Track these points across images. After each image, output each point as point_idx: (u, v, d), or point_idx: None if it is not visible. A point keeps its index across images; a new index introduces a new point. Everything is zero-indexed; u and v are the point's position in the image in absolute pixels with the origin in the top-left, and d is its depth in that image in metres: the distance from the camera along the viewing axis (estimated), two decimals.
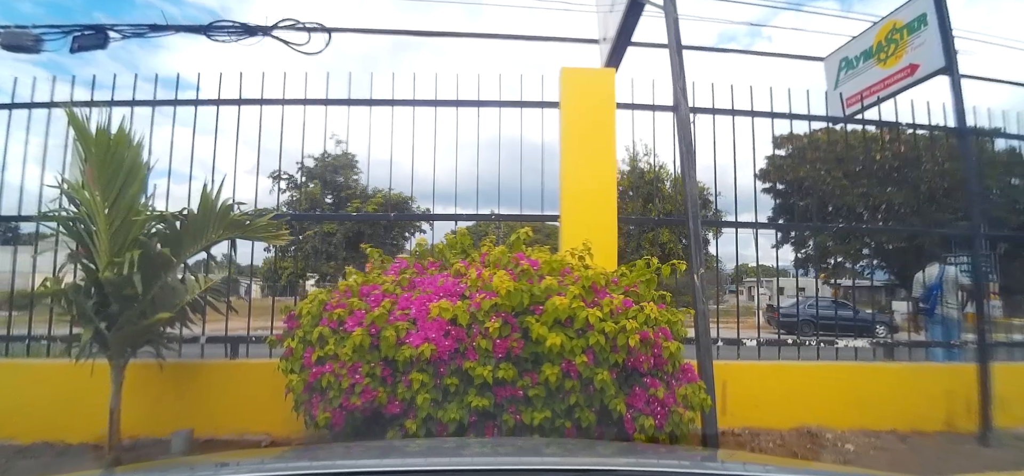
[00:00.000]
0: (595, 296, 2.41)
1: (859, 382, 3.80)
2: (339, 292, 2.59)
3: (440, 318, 2.30)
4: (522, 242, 2.84)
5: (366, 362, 2.33)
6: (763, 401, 3.67)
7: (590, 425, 2.29)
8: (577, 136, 3.80)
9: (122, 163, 2.76)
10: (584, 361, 2.22)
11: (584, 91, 3.85)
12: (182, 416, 3.29)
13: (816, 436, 3.47)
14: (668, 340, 2.44)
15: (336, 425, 2.36)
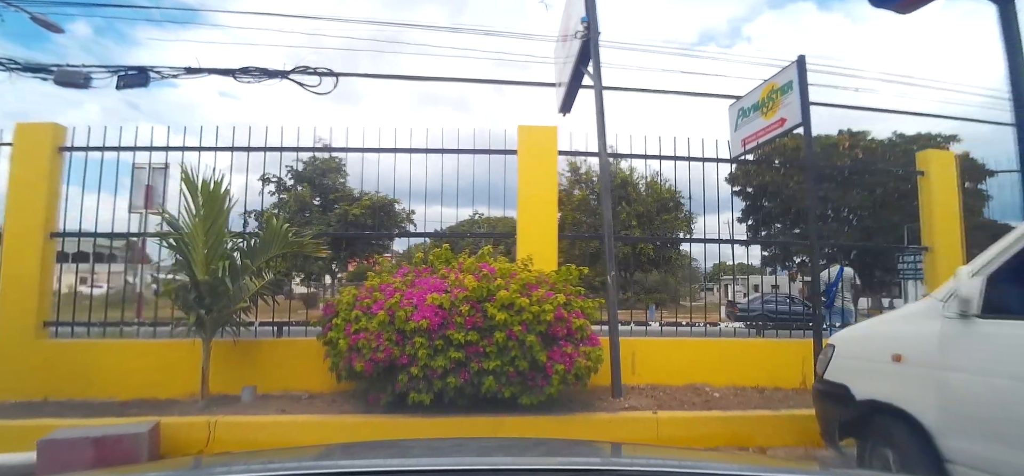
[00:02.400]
0: (529, 290, 3.86)
1: (736, 352, 5.32)
2: (366, 289, 4.02)
3: (432, 304, 3.74)
4: (486, 255, 4.29)
5: (386, 332, 3.76)
6: (664, 366, 5.17)
7: (524, 369, 3.75)
8: (529, 176, 5.28)
9: (215, 200, 4.15)
10: (520, 330, 3.68)
11: (534, 142, 5.32)
12: (248, 377, 4.68)
13: (699, 390, 4.97)
14: (577, 318, 3.90)
15: (367, 371, 3.79)
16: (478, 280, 3.80)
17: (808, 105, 5.58)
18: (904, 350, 2.95)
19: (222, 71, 7.38)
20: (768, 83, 6.07)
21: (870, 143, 27.23)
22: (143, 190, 5.51)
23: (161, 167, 5.46)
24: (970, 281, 2.64)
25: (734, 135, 6.61)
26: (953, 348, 2.69)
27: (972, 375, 2.59)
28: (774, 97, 5.95)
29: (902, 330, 3.07)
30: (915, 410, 2.81)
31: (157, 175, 5.67)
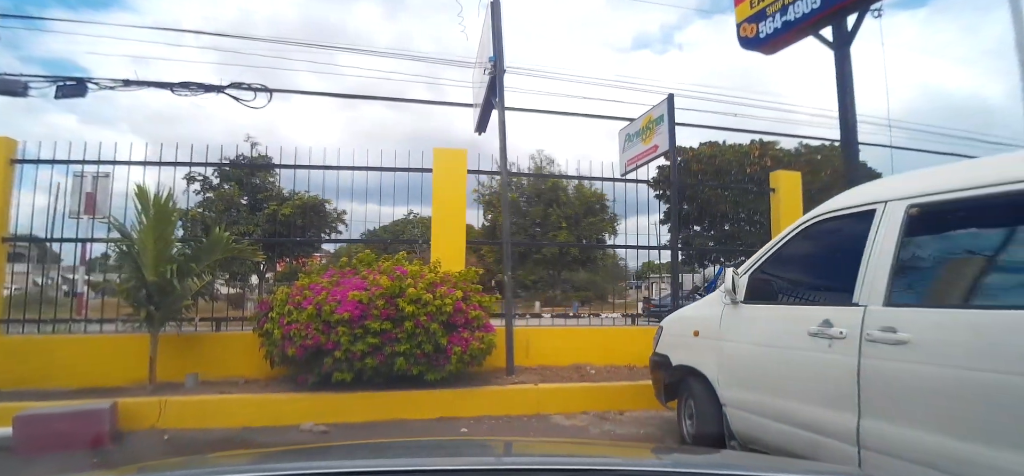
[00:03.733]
0: (434, 287, 4.82)
1: (614, 337, 6.48)
2: (297, 288, 4.85)
3: (354, 300, 4.62)
4: (401, 260, 5.21)
5: (314, 323, 4.62)
6: (554, 350, 6.27)
7: (429, 351, 4.71)
8: (442, 193, 6.24)
9: (164, 211, 4.85)
10: (425, 319, 4.63)
11: (447, 163, 6.28)
12: (191, 366, 5.40)
13: (581, 368, 6.08)
14: (474, 310, 4.90)
15: (298, 355, 4.64)
16: (391, 280, 4.73)
17: (674, 135, 6.83)
18: (700, 327, 4.11)
19: (160, 84, 7.92)
20: (648, 113, 7.29)
21: (777, 152, 29.72)
22: (85, 197, 6.04)
23: (103, 175, 6.01)
24: (739, 278, 3.81)
25: (622, 156, 7.82)
26: (726, 325, 3.86)
27: (735, 343, 3.77)
28: (651, 127, 7.17)
29: (700, 313, 4.24)
30: (705, 370, 3.97)
31: (96, 182, 6.19)
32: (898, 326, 2.73)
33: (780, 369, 3.41)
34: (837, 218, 3.40)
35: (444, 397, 4.91)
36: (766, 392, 3.49)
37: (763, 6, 7.39)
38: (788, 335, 3.34)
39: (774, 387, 3.44)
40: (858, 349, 2.89)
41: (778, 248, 3.75)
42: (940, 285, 2.88)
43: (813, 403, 3.14)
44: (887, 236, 2.95)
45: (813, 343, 3.13)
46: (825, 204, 3.56)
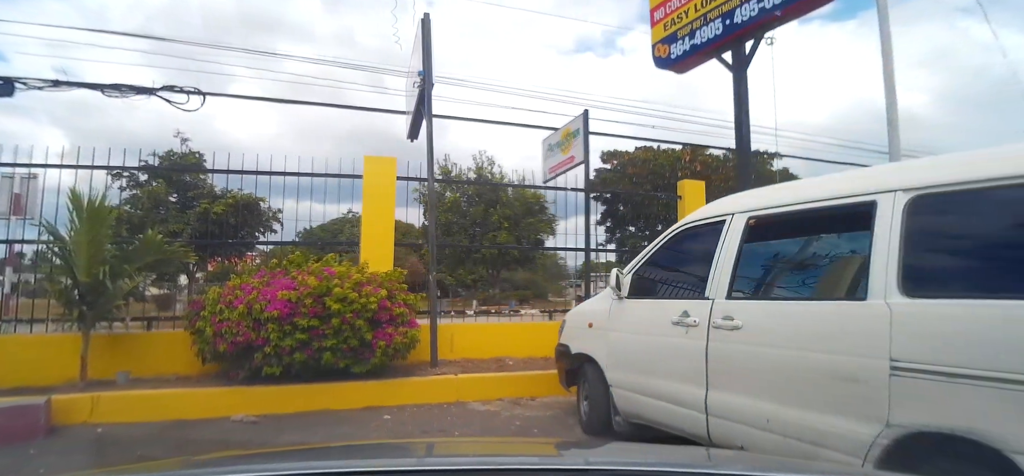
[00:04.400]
0: (360, 287, 5.25)
1: (532, 332, 7.07)
2: (229, 288, 5.18)
3: (283, 299, 5.00)
4: (330, 261, 5.61)
5: (245, 321, 4.97)
6: (478, 344, 6.80)
7: (355, 346, 5.15)
8: (371, 199, 6.65)
9: (98, 214, 5.07)
10: (351, 316, 5.06)
11: (377, 171, 6.71)
12: (122, 364, 5.61)
13: (501, 361, 6.64)
14: (399, 307, 5.36)
15: (229, 351, 4.98)
16: (319, 280, 5.14)
17: (588, 147, 7.53)
18: (593, 320, 4.75)
19: (89, 86, 7.93)
20: (567, 126, 7.95)
21: (706, 158, 31.34)
22: (11, 198, 6.10)
23: (32, 177, 6.10)
24: (623, 277, 4.46)
25: (544, 164, 8.46)
26: (613, 317, 4.50)
27: (619, 332, 4.41)
28: (569, 138, 7.83)
29: (594, 307, 4.88)
30: (597, 356, 4.60)
31: (25, 184, 6.26)
32: (734, 315, 3.42)
33: (650, 353, 4.08)
34: (697, 227, 4.09)
35: (369, 388, 5.36)
36: (640, 373, 4.15)
37: (675, 30, 8.14)
38: (657, 324, 4.00)
39: (646, 368, 4.10)
40: (707, 334, 3.57)
41: (654, 252, 4.43)
42: (765, 281, 3.59)
43: (674, 380, 3.81)
44: (731, 242, 3.65)
45: (675, 330, 3.80)
46: (690, 215, 4.26)
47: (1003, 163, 2.62)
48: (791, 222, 3.48)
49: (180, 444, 4.33)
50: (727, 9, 7.40)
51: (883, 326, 2.66)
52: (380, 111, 20.96)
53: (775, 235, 3.63)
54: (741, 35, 7.50)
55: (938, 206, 2.71)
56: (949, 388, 2.40)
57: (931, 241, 2.74)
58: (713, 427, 3.51)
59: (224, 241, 15.75)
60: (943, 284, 2.66)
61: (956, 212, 2.69)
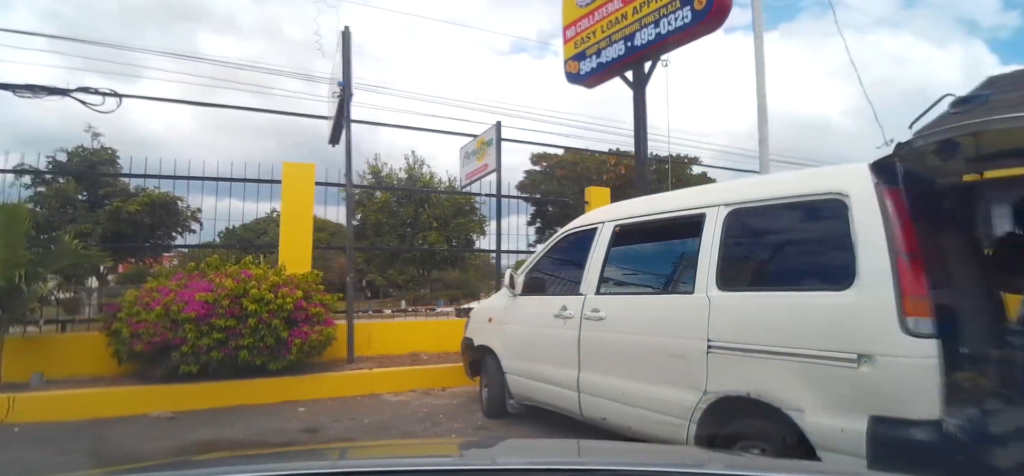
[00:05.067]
0: (277, 288, 5.60)
1: (447, 328, 7.59)
2: (146, 290, 5.41)
3: (201, 300, 5.28)
4: (248, 263, 5.91)
5: (162, 322, 5.22)
6: (395, 341, 7.25)
7: (272, 344, 5.49)
8: (290, 204, 6.97)
9: (14, 219, 5.17)
10: (268, 316, 5.40)
11: (296, 176, 7.03)
12: (36, 366, 5.69)
13: (416, 356, 7.12)
14: (315, 307, 5.75)
15: (146, 351, 5.21)
16: (236, 282, 5.46)
17: (500, 156, 8.10)
18: (492, 315, 5.32)
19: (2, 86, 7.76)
20: (481, 137, 8.51)
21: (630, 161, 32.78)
22: None
23: None
24: (518, 276, 5.05)
25: (462, 170, 8.99)
26: (508, 312, 5.09)
27: (513, 325, 5.00)
28: (483, 148, 8.40)
29: (494, 304, 5.46)
30: (495, 347, 5.18)
31: None
32: (600, 308, 4.07)
33: (537, 343, 4.69)
34: (577, 233, 4.74)
35: (285, 384, 5.73)
36: (530, 360, 4.76)
37: (584, 48, 8.80)
38: (543, 317, 4.61)
39: (534, 356, 4.71)
40: (579, 325, 4.21)
41: (544, 254, 5.06)
42: (624, 278, 4.27)
43: (555, 365, 4.43)
44: (601, 246, 4.30)
45: (556, 322, 4.43)
46: (572, 222, 4.90)
47: (785, 185, 3.39)
48: (646, 229, 4.17)
49: (99, 440, 4.55)
50: (629, 32, 8.12)
51: (703, 313, 3.36)
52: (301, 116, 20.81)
53: (634, 240, 4.32)
54: (640, 56, 8.24)
55: (745, 218, 3.44)
56: (745, 361, 3.12)
57: (740, 245, 3.47)
58: (583, 403, 4.16)
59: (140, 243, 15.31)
60: (745, 279, 3.40)
61: (755, 222, 3.44)
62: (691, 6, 7.13)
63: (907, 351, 2.57)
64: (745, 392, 3.11)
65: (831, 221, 2.97)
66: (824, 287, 2.95)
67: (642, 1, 7.80)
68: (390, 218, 26.81)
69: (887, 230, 2.73)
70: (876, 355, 2.64)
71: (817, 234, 3.14)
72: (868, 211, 2.80)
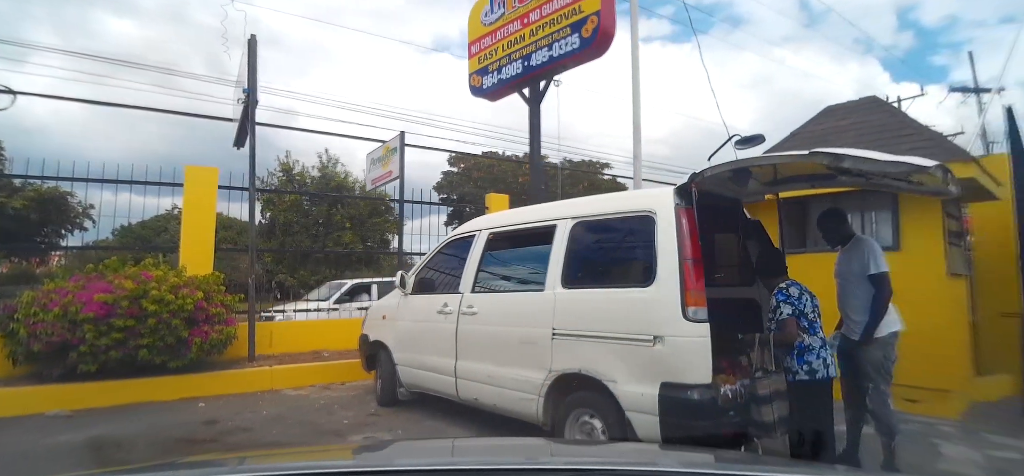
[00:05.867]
0: (177, 289, 5.92)
1: (350, 327, 8.05)
2: (44, 292, 5.58)
3: (100, 301, 5.52)
4: (148, 265, 6.17)
5: (60, 322, 5.42)
6: (296, 340, 7.66)
7: (172, 343, 5.81)
8: (193, 208, 7.25)
9: None
10: (168, 316, 5.72)
11: (198, 180, 7.29)
12: None
13: (318, 353, 7.56)
14: (216, 307, 6.10)
15: (45, 351, 5.39)
16: (136, 284, 5.73)
17: (403, 163, 8.67)
18: (386, 312, 5.92)
19: None
20: (387, 144, 9.04)
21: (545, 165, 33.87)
22: None
23: None
24: (408, 277, 5.66)
25: (368, 175, 9.47)
26: (399, 309, 5.70)
27: (404, 321, 5.62)
28: (388, 155, 8.93)
29: (387, 302, 6.05)
30: (388, 342, 5.77)
31: None
32: (474, 304, 4.77)
33: (424, 336, 5.33)
34: (459, 238, 5.44)
35: (186, 381, 6.05)
36: (416, 352, 5.40)
37: (487, 64, 9.48)
38: (428, 313, 5.27)
39: (420, 348, 5.36)
40: (457, 319, 4.88)
41: (431, 257, 5.71)
42: (494, 278, 5.00)
43: (437, 355, 5.09)
44: (477, 250, 5.00)
45: (439, 317, 5.08)
46: (456, 229, 5.59)
47: (616, 202, 4.23)
48: (513, 237, 4.93)
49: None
50: (526, 53, 8.85)
51: (550, 307, 4.14)
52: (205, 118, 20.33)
53: (504, 246, 5.05)
54: (536, 75, 9.02)
55: (585, 229, 4.25)
56: (578, 344, 3.91)
57: (580, 251, 4.26)
58: (460, 387, 4.85)
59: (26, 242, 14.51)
60: (582, 278, 4.20)
61: (592, 232, 4.26)
62: (579, 34, 7.95)
63: (687, 333, 3.43)
64: (577, 369, 3.91)
65: (643, 233, 3.80)
66: (634, 284, 3.78)
67: (537, 25, 8.55)
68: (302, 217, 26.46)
69: (679, 240, 3.58)
70: (666, 336, 3.49)
71: (633, 243, 3.98)
72: (668, 225, 3.65)
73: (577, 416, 3.95)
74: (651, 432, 3.47)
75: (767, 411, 3.51)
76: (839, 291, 4.22)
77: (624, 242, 4.08)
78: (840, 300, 4.20)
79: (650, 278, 3.63)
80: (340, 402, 6.10)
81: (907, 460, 4.15)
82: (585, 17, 7.80)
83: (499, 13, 9.32)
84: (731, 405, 3.51)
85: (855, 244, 4.16)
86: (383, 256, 29.19)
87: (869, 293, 3.94)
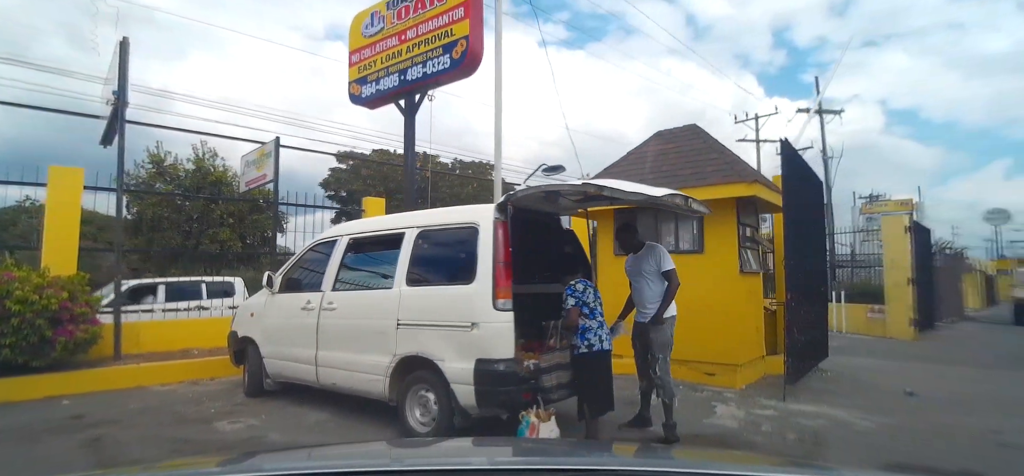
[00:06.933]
0: (41, 290, 6.19)
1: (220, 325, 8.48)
2: None
3: None
4: (9, 266, 6.37)
5: None
6: (164, 339, 8.02)
7: (35, 342, 6.09)
8: (57, 208, 7.42)
9: None
10: (32, 316, 6.00)
11: (62, 181, 7.46)
12: None
13: (187, 352, 7.97)
14: (81, 307, 6.42)
15: None
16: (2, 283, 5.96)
17: (278, 168, 9.21)
18: (254, 310, 6.55)
19: None
20: (261, 148, 9.52)
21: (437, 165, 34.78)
22: None
23: None
24: (276, 277, 6.34)
25: (242, 177, 9.89)
26: (267, 307, 6.36)
27: (270, 318, 6.29)
28: (263, 158, 9.42)
29: (256, 301, 6.68)
30: (255, 337, 6.41)
31: None
32: (334, 301, 5.56)
33: (289, 331, 6.05)
34: (323, 242, 6.20)
35: (51, 380, 6.32)
36: (282, 345, 6.10)
37: (366, 74, 10.14)
38: (294, 310, 5.98)
39: (286, 341, 6.06)
40: (318, 314, 5.65)
41: (298, 259, 6.43)
42: (351, 278, 5.83)
43: (300, 347, 5.83)
44: (338, 254, 5.79)
45: (302, 313, 5.82)
46: (321, 234, 6.35)
47: (451, 215, 5.21)
48: (370, 242, 5.79)
49: None
50: (403, 67, 9.61)
51: (396, 302, 5.03)
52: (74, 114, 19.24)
53: (362, 250, 5.90)
54: (411, 89, 9.82)
55: (427, 236, 5.18)
56: (417, 331, 4.83)
57: (421, 255, 5.19)
58: (320, 374, 5.62)
59: None
60: (422, 278, 5.12)
61: (432, 240, 5.20)
62: (450, 55, 8.87)
63: (496, 320, 4.47)
64: (416, 352, 4.85)
65: (469, 241, 4.80)
66: (460, 282, 4.77)
67: (414, 43, 9.38)
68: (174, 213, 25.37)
69: (494, 247, 4.61)
70: (480, 322, 4.51)
71: (461, 249, 4.96)
72: (487, 235, 4.67)
73: (416, 390, 4.89)
74: (469, 399, 4.49)
75: (553, 378, 4.65)
76: (634, 287, 5.42)
77: (455, 248, 5.06)
78: (636, 294, 5.39)
79: (472, 277, 4.64)
80: (208, 395, 6.63)
81: (682, 417, 5.44)
82: (456, 40, 8.72)
83: (379, 27, 10.04)
84: (530, 374, 4.59)
85: (649, 249, 5.38)
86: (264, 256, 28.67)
87: (662, 286, 5.15)
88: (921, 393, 7.21)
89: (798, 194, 7.53)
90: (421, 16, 9.09)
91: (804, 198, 8.00)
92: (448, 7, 8.76)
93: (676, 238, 7.93)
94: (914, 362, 10.41)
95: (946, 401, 6.99)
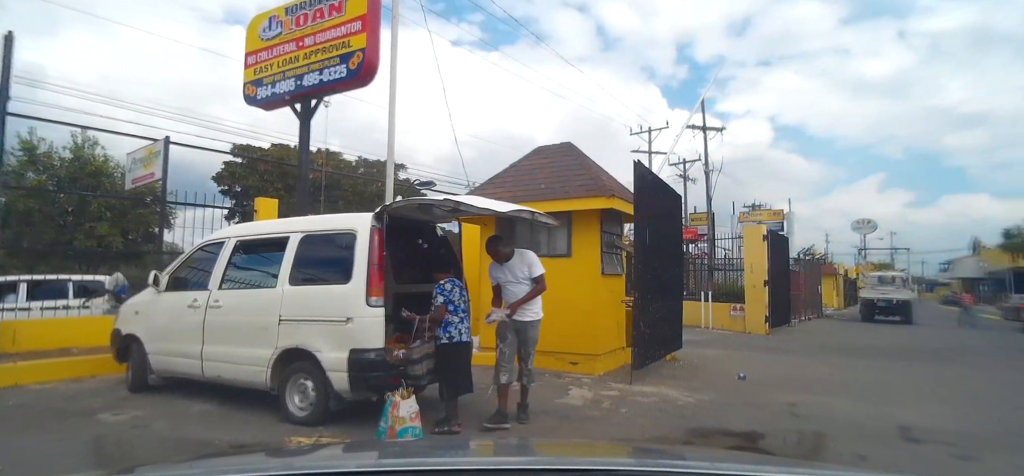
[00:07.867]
0: None
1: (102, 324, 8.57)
2: None
3: None
4: None
5: None
6: (44, 338, 8.08)
7: None
8: None
9: None
10: None
11: None
12: None
13: (67, 351, 8.06)
14: None
15: None
16: None
17: (167, 168, 9.37)
18: (139, 308, 6.86)
19: None
20: (150, 147, 9.64)
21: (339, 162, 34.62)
22: None
23: None
24: (162, 277, 6.69)
25: (128, 175, 9.93)
26: (153, 305, 6.70)
27: (156, 315, 6.64)
28: (152, 157, 9.54)
29: (141, 299, 6.99)
30: (140, 334, 6.73)
31: None
32: (220, 299, 6.04)
33: (175, 327, 6.44)
34: (211, 243, 6.64)
35: None
36: (167, 341, 6.49)
37: (262, 76, 10.34)
38: (180, 308, 6.39)
39: (172, 338, 6.45)
40: (205, 311, 6.10)
41: (185, 259, 6.82)
42: (236, 277, 6.33)
43: (186, 343, 6.24)
44: (225, 254, 6.27)
45: (189, 311, 6.25)
46: (210, 236, 6.78)
47: (332, 222, 5.86)
48: (256, 244, 6.32)
49: None
50: (299, 73, 9.91)
51: (279, 300, 5.61)
52: None
53: (248, 251, 6.41)
54: (307, 95, 10.16)
55: (309, 240, 5.79)
56: (298, 326, 5.44)
57: (304, 257, 5.79)
58: (205, 368, 6.08)
59: None
60: (304, 278, 5.73)
61: (314, 243, 5.82)
62: (347, 65, 9.33)
63: (368, 315, 5.18)
64: (296, 345, 5.46)
65: (347, 246, 5.47)
66: (338, 282, 5.43)
67: (311, 50, 9.73)
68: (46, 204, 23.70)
69: (369, 251, 5.31)
70: (355, 318, 5.20)
71: (341, 253, 5.61)
72: (364, 241, 5.36)
73: (295, 379, 5.50)
74: (343, 385, 5.17)
75: (422, 366, 5.43)
76: (504, 291, 6.13)
77: (335, 251, 5.71)
78: (508, 298, 6.10)
79: (347, 277, 5.32)
80: (90, 391, 6.84)
81: (541, 397, 6.34)
82: (353, 51, 9.16)
83: (276, 32, 10.31)
84: (398, 362, 5.34)
85: (520, 256, 6.15)
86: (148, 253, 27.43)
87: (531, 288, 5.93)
88: (753, 377, 8.61)
89: (651, 206, 8.74)
90: (319, 25, 9.50)
91: (659, 209, 9.26)
92: (346, 18, 9.23)
93: (550, 244, 8.92)
94: (760, 352, 12.12)
95: (769, 383, 8.41)
